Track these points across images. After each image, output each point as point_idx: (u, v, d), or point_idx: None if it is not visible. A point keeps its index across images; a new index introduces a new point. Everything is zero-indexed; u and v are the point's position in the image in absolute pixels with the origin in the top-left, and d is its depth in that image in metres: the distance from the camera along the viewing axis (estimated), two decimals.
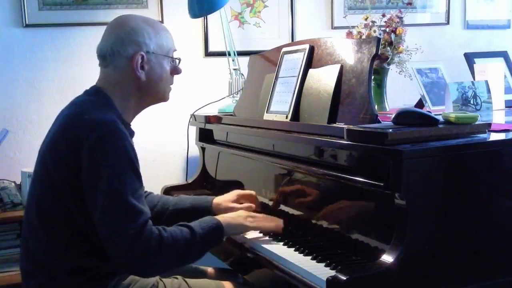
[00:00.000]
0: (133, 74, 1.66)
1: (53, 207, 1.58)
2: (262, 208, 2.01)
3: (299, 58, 2.00)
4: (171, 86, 1.78)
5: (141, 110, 1.78)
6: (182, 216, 1.84)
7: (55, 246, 1.59)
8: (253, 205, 1.95)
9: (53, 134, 1.63)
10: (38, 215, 1.61)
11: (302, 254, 1.63)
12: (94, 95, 1.68)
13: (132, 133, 1.71)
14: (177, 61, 1.78)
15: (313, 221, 1.78)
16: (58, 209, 1.57)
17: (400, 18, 2.32)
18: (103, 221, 1.50)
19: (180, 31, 3.00)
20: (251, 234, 1.84)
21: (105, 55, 1.68)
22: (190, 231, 1.60)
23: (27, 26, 2.82)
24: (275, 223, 1.81)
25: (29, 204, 1.67)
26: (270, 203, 2.01)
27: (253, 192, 2.01)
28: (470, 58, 2.76)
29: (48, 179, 1.59)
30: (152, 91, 1.72)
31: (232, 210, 1.89)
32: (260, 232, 1.84)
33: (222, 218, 1.74)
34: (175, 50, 1.77)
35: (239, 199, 1.98)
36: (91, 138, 1.51)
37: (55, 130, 1.64)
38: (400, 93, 2.56)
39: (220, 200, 1.98)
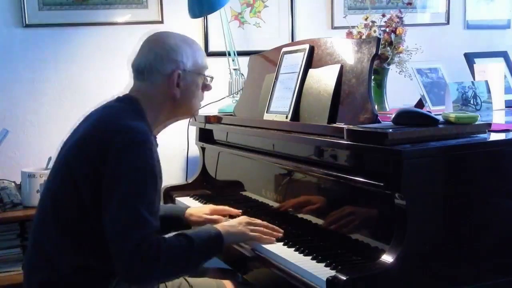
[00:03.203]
0: (168, 90, 1.71)
1: (69, 203, 1.58)
2: (262, 209, 2.01)
3: (299, 58, 2.00)
4: (201, 102, 1.83)
5: (169, 124, 1.81)
6: None
7: (65, 241, 1.59)
8: (222, 218, 1.96)
9: (81, 134, 1.64)
10: (53, 210, 1.62)
11: (302, 254, 1.62)
12: (127, 103, 1.70)
13: (156, 145, 1.71)
14: (209, 78, 1.82)
15: (313, 221, 1.78)
16: (74, 205, 1.58)
17: (400, 18, 2.32)
18: (111, 226, 1.51)
19: (180, 31, 2.99)
20: None
21: (143, 71, 1.71)
22: (188, 241, 1.59)
23: (27, 26, 2.82)
24: (274, 235, 1.77)
25: (43, 199, 1.68)
26: (271, 203, 2.01)
27: (226, 207, 2.02)
28: (470, 58, 2.76)
29: (68, 176, 1.59)
30: (184, 107, 1.76)
31: (204, 222, 1.90)
32: None
33: (222, 227, 1.72)
34: (207, 68, 1.82)
35: (212, 214, 1.99)
36: (121, 143, 1.53)
37: (84, 130, 1.64)
38: (400, 93, 2.56)
39: (193, 211, 2.00)
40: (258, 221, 1.81)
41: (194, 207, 2.05)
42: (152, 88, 1.71)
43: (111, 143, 1.53)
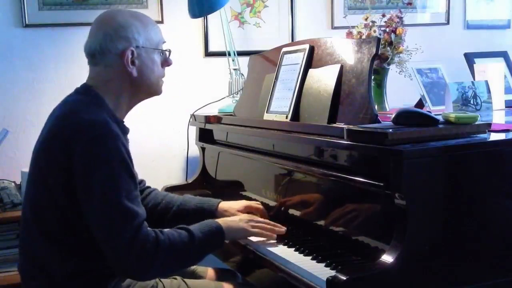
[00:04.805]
0: (124, 70, 1.63)
1: (48, 209, 1.56)
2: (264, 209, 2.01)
3: (299, 58, 2.00)
4: (163, 79, 1.75)
5: (134, 105, 1.74)
6: (186, 218, 1.83)
7: (52, 249, 1.57)
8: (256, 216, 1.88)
9: (46, 134, 1.61)
10: (34, 218, 1.59)
11: (302, 254, 1.63)
12: (85, 94, 1.65)
13: (126, 130, 1.68)
14: (167, 53, 1.74)
15: (313, 221, 1.78)
16: (53, 212, 1.55)
17: (400, 18, 2.32)
18: (98, 225, 1.49)
19: (180, 31, 3.00)
20: None
21: (94, 54, 1.65)
22: (188, 234, 1.57)
23: (27, 26, 2.82)
24: (276, 231, 1.77)
25: (24, 207, 1.65)
26: (271, 203, 2.01)
27: (260, 206, 1.95)
28: (470, 58, 2.76)
29: (42, 181, 1.56)
30: (144, 85, 1.69)
31: None
32: None
33: (223, 221, 1.71)
34: (164, 42, 1.74)
35: (246, 210, 1.91)
36: (83, 140, 1.49)
37: (47, 130, 1.61)
38: (400, 93, 2.56)
39: (227, 206, 1.93)
40: (261, 219, 1.81)
41: (226, 202, 1.97)
42: (107, 71, 1.64)
43: (74, 142, 1.49)
